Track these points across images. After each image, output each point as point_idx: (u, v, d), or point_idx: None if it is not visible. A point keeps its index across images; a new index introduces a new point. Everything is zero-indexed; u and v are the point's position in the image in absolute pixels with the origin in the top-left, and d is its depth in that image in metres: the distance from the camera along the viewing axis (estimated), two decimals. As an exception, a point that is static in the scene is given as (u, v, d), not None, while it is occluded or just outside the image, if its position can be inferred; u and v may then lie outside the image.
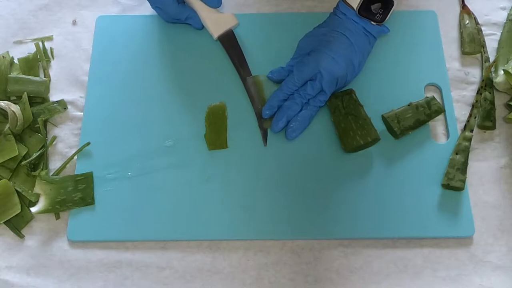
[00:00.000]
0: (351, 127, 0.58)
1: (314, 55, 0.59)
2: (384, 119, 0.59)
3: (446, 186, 0.57)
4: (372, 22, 0.60)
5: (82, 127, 0.61)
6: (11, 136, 0.58)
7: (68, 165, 0.60)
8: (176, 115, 0.62)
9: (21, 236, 0.56)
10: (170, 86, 0.63)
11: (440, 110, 0.60)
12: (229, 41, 0.64)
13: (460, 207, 0.56)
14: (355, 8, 0.59)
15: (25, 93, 0.61)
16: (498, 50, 0.65)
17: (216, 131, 0.60)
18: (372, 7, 0.59)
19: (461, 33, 0.67)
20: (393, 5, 0.59)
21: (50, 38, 0.68)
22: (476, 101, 0.62)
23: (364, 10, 0.59)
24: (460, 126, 0.61)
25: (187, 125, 0.61)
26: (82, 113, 0.62)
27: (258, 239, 0.56)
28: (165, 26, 0.67)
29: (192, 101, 0.62)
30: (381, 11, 0.59)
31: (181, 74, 0.64)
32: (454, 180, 0.56)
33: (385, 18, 0.59)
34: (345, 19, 0.60)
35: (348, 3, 0.60)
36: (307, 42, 0.62)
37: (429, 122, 0.60)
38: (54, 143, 0.61)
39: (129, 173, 0.58)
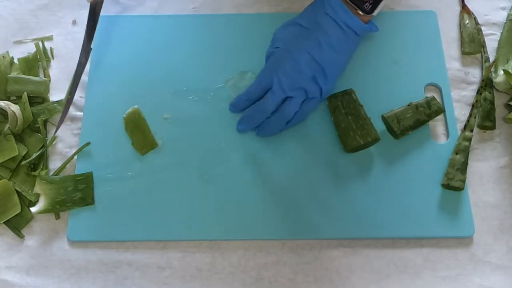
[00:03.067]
0: (351, 127, 0.58)
1: (278, 57, 0.56)
2: (384, 119, 0.59)
3: (446, 186, 0.57)
4: (360, 12, 0.55)
5: (82, 127, 0.61)
6: (11, 136, 0.58)
7: (68, 165, 0.60)
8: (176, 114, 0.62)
9: (21, 236, 0.56)
10: (170, 85, 0.63)
11: (440, 110, 0.60)
12: (94, 10, 0.62)
13: (460, 207, 0.56)
14: None
15: (25, 93, 0.61)
16: (498, 50, 0.65)
17: (141, 136, 0.60)
18: None
19: (461, 33, 0.67)
20: None
21: (50, 38, 0.68)
22: (476, 101, 0.62)
23: None
24: (460, 126, 0.61)
25: (187, 124, 0.61)
26: (82, 113, 0.62)
27: (258, 239, 0.56)
28: (165, 26, 0.67)
29: (192, 100, 0.62)
30: (370, 0, 0.55)
31: (181, 73, 0.64)
32: (454, 180, 0.56)
33: (374, 9, 0.55)
34: (326, 14, 0.55)
35: None
36: (281, 34, 0.58)
37: (429, 122, 0.60)
38: (54, 143, 0.61)
39: (129, 173, 0.58)
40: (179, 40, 0.66)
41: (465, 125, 0.60)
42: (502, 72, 0.62)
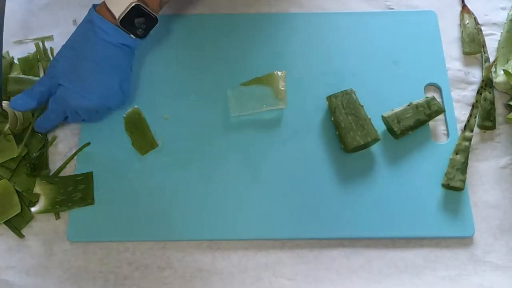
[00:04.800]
0: (351, 127, 0.58)
1: (63, 95, 0.55)
2: (384, 119, 0.59)
3: (446, 186, 0.57)
4: (132, 36, 0.55)
5: (82, 127, 0.61)
6: (11, 136, 0.58)
7: (68, 165, 0.60)
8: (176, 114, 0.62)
9: (21, 236, 0.56)
10: (170, 85, 0.63)
11: (440, 110, 0.60)
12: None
13: (460, 207, 0.56)
14: (116, 18, 0.53)
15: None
16: (498, 50, 0.65)
17: (141, 136, 0.60)
18: (136, 20, 0.54)
19: (461, 33, 0.67)
20: (157, 22, 0.55)
21: (50, 38, 0.68)
22: (476, 101, 0.62)
23: (127, 23, 0.53)
24: (460, 126, 0.61)
25: (187, 124, 0.61)
26: (82, 113, 0.62)
27: (258, 239, 0.56)
28: (165, 26, 0.67)
29: (192, 100, 0.62)
30: (143, 26, 0.55)
31: (181, 73, 0.64)
32: (454, 180, 0.56)
33: (147, 34, 0.56)
34: (97, 36, 0.54)
35: (107, 11, 0.54)
36: (56, 66, 0.56)
37: (429, 122, 0.60)
38: (54, 143, 0.61)
39: (129, 173, 0.58)
40: (179, 40, 0.66)
41: (465, 125, 0.60)
42: (502, 72, 0.62)
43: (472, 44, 0.66)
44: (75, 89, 0.55)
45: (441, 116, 0.61)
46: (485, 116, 0.61)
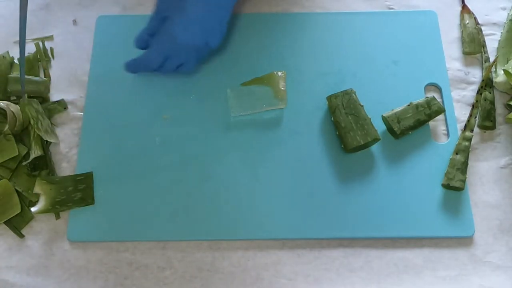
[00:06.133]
0: (351, 127, 0.58)
1: (167, 28, 0.57)
2: (384, 119, 0.59)
3: (446, 186, 0.57)
4: None
5: (82, 127, 0.61)
6: (11, 136, 0.58)
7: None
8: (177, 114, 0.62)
9: (21, 236, 0.56)
10: (170, 85, 0.63)
11: (440, 110, 0.60)
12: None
13: (460, 207, 0.56)
14: None
15: (25, 94, 0.61)
16: (498, 50, 0.65)
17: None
18: None
19: (461, 33, 0.67)
20: None
21: (50, 38, 0.68)
22: (476, 101, 0.62)
23: None
24: (460, 126, 0.61)
25: (187, 124, 0.61)
26: (82, 113, 0.62)
27: (258, 239, 0.56)
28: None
29: (192, 100, 0.62)
30: None
31: (181, 73, 0.64)
32: (454, 180, 0.56)
33: None
34: None
35: None
36: (163, 1, 0.59)
37: (429, 122, 0.60)
38: (54, 143, 0.61)
39: (129, 173, 0.58)
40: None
41: (465, 125, 0.60)
42: (502, 72, 0.62)
43: (472, 44, 0.66)
44: (180, 20, 0.55)
45: (441, 116, 0.61)
46: (485, 116, 0.61)
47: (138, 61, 0.60)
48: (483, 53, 0.65)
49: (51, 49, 0.67)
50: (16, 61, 0.65)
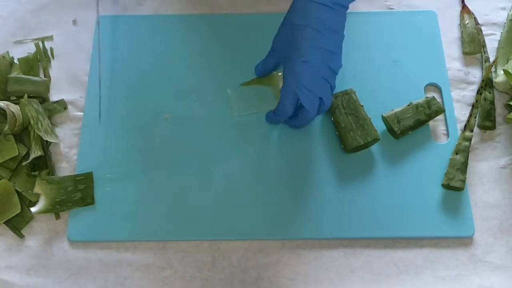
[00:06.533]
0: (351, 127, 0.58)
1: (287, 67, 0.55)
2: (384, 119, 0.59)
3: (446, 186, 0.57)
4: None
5: (82, 127, 0.61)
6: (11, 136, 0.58)
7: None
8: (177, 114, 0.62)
9: (21, 236, 0.56)
10: (170, 85, 0.63)
11: (440, 110, 0.60)
12: None
13: (460, 207, 0.56)
14: None
15: (25, 94, 0.61)
16: (498, 50, 0.65)
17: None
18: None
19: (461, 33, 0.67)
20: None
21: (50, 38, 0.68)
22: (476, 101, 0.62)
23: None
24: (460, 126, 0.61)
25: (187, 124, 0.61)
26: (82, 113, 0.62)
27: (258, 239, 0.56)
28: (165, 26, 0.67)
29: (192, 100, 0.62)
30: None
31: (181, 73, 0.64)
32: (454, 180, 0.56)
33: None
34: (311, 1, 0.54)
35: None
36: (280, 41, 0.58)
37: (429, 122, 0.60)
38: (54, 143, 0.61)
39: (129, 173, 0.58)
40: (179, 40, 0.66)
41: (465, 125, 0.60)
42: (502, 72, 0.62)
43: (472, 44, 0.66)
44: (296, 56, 0.54)
45: (441, 116, 0.61)
46: (485, 116, 0.61)
47: (277, 113, 0.58)
48: (483, 53, 0.65)
49: (51, 49, 0.67)
50: (16, 61, 0.65)
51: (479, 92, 0.62)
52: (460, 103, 0.63)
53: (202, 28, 0.67)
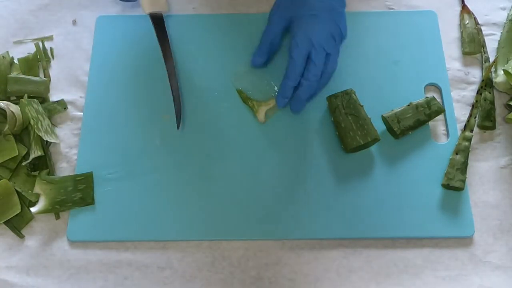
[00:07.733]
0: (351, 127, 0.58)
1: (298, 26, 0.57)
2: (384, 119, 0.59)
3: (446, 186, 0.57)
4: None
5: (82, 127, 0.61)
6: (11, 136, 0.58)
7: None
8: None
9: (21, 236, 0.56)
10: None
11: (440, 110, 0.60)
12: (159, 24, 0.63)
13: (460, 207, 0.56)
14: None
15: (25, 94, 0.61)
16: (498, 50, 0.65)
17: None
18: None
19: (461, 33, 0.67)
20: None
21: (50, 38, 0.68)
22: (476, 101, 0.62)
23: None
24: (460, 126, 0.61)
25: (187, 124, 0.61)
26: (82, 113, 0.62)
27: (258, 239, 0.56)
28: (166, 26, 0.67)
29: (192, 100, 0.63)
30: None
31: (181, 73, 0.64)
32: (454, 180, 0.56)
33: None
34: None
35: None
36: (279, 10, 0.60)
37: (429, 122, 0.60)
38: (54, 143, 0.61)
39: (129, 173, 0.58)
40: (179, 40, 0.66)
41: (465, 125, 0.60)
42: (502, 72, 0.62)
43: (472, 44, 0.66)
44: (304, 11, 0.57)
45: (441, 116, 0.61)
46: (485, 116, 0.61)
47: (287, 73, 0.58)
48: (483, 53, 0.65)
49: (51, 49, 0.67)
50: (16, 61, 0.65)
51: (479, 92, 0.62)
52: (460, 103, 0.63)
53: (202, 28, 0.67)
